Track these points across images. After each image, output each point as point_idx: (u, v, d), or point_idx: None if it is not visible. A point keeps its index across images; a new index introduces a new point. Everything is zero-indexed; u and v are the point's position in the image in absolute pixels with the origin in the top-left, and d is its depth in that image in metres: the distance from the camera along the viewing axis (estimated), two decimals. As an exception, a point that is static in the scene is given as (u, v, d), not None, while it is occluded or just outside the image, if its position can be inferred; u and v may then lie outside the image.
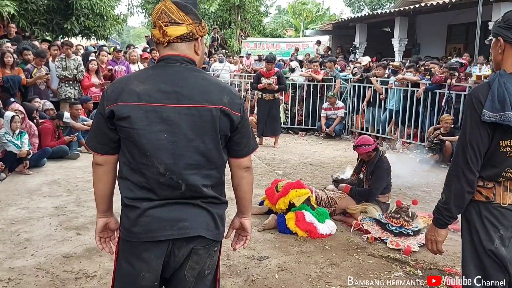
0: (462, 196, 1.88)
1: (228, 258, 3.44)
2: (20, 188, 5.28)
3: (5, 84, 6.74)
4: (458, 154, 1.89)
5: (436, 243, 2.02)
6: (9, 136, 5.78)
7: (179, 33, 1.62)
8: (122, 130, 1.58)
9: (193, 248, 1.64)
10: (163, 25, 1.61)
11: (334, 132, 9.47)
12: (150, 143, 1.56)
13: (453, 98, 7.57)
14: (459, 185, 1.87)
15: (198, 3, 15.75)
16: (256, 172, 6.21)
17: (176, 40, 1.63)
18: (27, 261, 3.35)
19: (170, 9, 1.61)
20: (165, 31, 1.61)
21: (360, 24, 15.27)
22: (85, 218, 4.28)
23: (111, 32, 14.07)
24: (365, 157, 4.53)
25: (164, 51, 1.66)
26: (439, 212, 1.97)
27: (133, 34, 49.18)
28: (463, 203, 1.91)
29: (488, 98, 1.77)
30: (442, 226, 1.99)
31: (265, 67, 8.35)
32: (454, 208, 1.92)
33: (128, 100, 1.55)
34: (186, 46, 1.65)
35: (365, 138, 4.62)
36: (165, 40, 1.62)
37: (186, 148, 1.58)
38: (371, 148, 4.45)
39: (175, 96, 1.57)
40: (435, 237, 2.01)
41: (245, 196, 1.83)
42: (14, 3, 9.86)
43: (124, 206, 1.64)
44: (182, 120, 1.57)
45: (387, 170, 4.45)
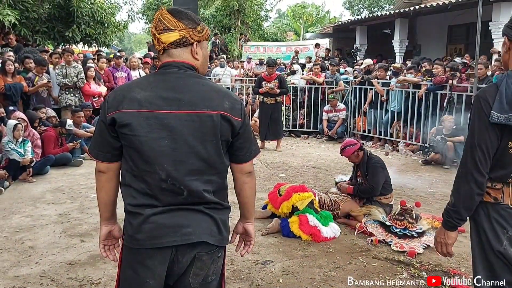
0: (471, 198, 1.87)
1: (232, 263, 3.44)
2: (24, 196, 5.29)
3: (7, 92, 6.78)
4: (466, 156, 1.87)
5: (446, 246, 2.00)
6: (12, 144, 5.80)
7: (172, 39, 1.63)
8: (124, 137, 1.59)
9: (196, 254, 1.64)
10: (157, 33, 1.64)
11: (336, 134, 9.47)
12: (151, 150, 1.56)
13: (454, 98, 7.57)
14: (468, 187, 1.85)
15: (199, 7, 15.80)
16: (258, 175, 6.21)
17: (170, 47, 1.64)
18: (31, 269, 3.35)
19: (164, 17, 1.63)
20: (159, 38, 1.63)
21: (360, 26, 15.28)
22: (89, 225, 4.29)
23: (112, 39, 14.13)
24: (353, 158, 4.55)
25: (163, 58, 1.67)
26: (448, 214, 1.96)
27: (135, 40, 49.39)
28: (473, 205, 1.89)
29: (496, 100, 1.76)
30: (452, 229, 1.97)
31: (266, 71, 8.37)
32: (464, 211, 1.90)
33: (130, 107, 1.56)
34: (182, 52, 1.66)
35: (348, 140, 4.77)
36: (160, 47, 1.65)
37: (187, 154, 1.59)
38: (356, 147, 4.48)
39: (176, 103, 1.58)
40: (445, 239, 1.99)
41: (248, 201, 1.83)
42: (16, 12, 9.91)
43: (127, 213, 1.65)
44: (183, 126, 1.57)
45: (380, 164, 4.47)
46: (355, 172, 4.71)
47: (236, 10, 19.29)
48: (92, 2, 12.18)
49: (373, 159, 4.49)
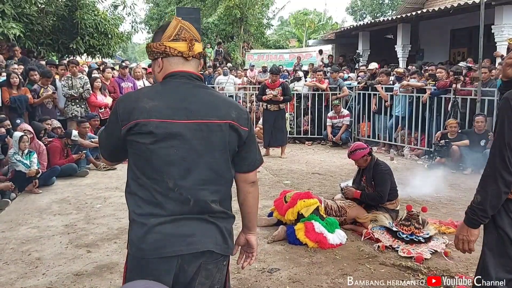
0: (499, 197, 1.90)
1: (238, 271, 3.42)
2: (30, 207, 5.31)
3: (12, 104, 6.84)
4: (495, 155, 1.90)
5: (468, 243, 2.04)
6: (18, 156, 5.84)
7: (199, 50, 1.69)
8: (132, 145, 1.61)
9: (202, 263, 1.64)
10: (193, 39, 1.66)
11: (340, 140, 9.46)
12: (160, 159, 1.57)
13: (459, 102, 7.55)
14: (496, 186, 1.88)
15: (201, 17, 15.89)
16: (263, 183, 6.21)
17: (197, 56, 1.68)
18: (38, 280, 3.36)
19: (189, 27, 1.67)
20: (194, 45, 1.65)
21: (362, 32, 15.31)
22: (95, 235, 4.29)
23: (116, 50, 14.23)
24: (361, 162, 4.53)
25: (175, 67, 1.68)
26: (473, 212, 1.97)
27: (138, 50, 49.69)
28: (499, 204, 1.93)
29: None
30: (475, 226, 2.00)
31: (270, 79, 8.40)
32: (490, 209, 1.93)
33: (139, 118, 1.57)
34: (197, 63, 1.71)
35: (358, 143, 4.70)
36: (191, 54, 1.66)
37: (196, 164, 1.60)
38: (366, 152, 4.46)
39: (184, 112, 1.59)
40: (468, 237, 2.02)
41: (251, 211, 1.84)
42: (20, 25, 10.02)
43: (132, 221, 1.65)
44: (192, 135, 1.59)
45: (387, 171, 4.45)
46: (359, 177, 4.69)
47: (239, 19, 19.38)
48: (95, 14, 12.30)
49: (380, 165, 4.47)
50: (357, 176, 4.75)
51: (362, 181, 4.59)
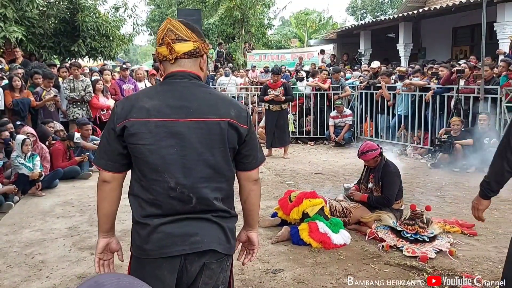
0: (501, 174, 2.12)
1: (242, 272, 3.41)
2: (33, 210, 5.31)
3: (15, 107, 6.85)
4: (504, 137, 2.11)
5: (477, 210, 2.29)
6: (21, 159, 5.84)
7: (186, 49, 1.65)
8: (132, 147, 1.60)
9: (205, 262, 1.64)
10: (171, 41, 1.63)
11: (343, 140, 9.45)
12: (160, 158, 1.58)
13: (461, 100, 7.52)
14: (500, 164, 2.11)
15: (202, 18, 15.90)
16: (266, 183, 6.19)
17: (183, 57, 1.66)
18: (42, 283, 3.35)
19: (176, 27, 1.64)
20: (173, 47, 1.64)
21: (364, 31, 15.29)
22: (98, 237, 4.28)
23: (117, 52, 14.24)
24: (371, 163, 4.49)
25: (171, 68, 1.68)
26: (482, 184, 2.23)
27: (140, 52, 49.81)
28: (502, 181, 2.15)
29: None
30: (484, 197, 2.25)
31: (271, 79, 8.39)
32: (494, 183, 2.16)
33: (138, 117, 1.58)
34: (193, 63, 1.69)
35: (369, 144, 4.55)
36: (172, 57, 1.65)
37: (196, 162, 1.60)
38: (377, 152, 4.42)
39: (184, 111, 1.60)
40: (478, 205, 2.29)
41: (253, 209, 1.84)
42: (22, 28, 10.04)
43: (135, 223, 1.65)
44: (192, 134, 1.59)
45: (396, 173, 4.41)
46: (367, 176, 4.65)
47: (240, 19, 19.36)
48: (97, 16, 12.31)
49: (390, 166, 4.42)
50: (364, 175, 4.71)
51: (370, 180, 4.55)
